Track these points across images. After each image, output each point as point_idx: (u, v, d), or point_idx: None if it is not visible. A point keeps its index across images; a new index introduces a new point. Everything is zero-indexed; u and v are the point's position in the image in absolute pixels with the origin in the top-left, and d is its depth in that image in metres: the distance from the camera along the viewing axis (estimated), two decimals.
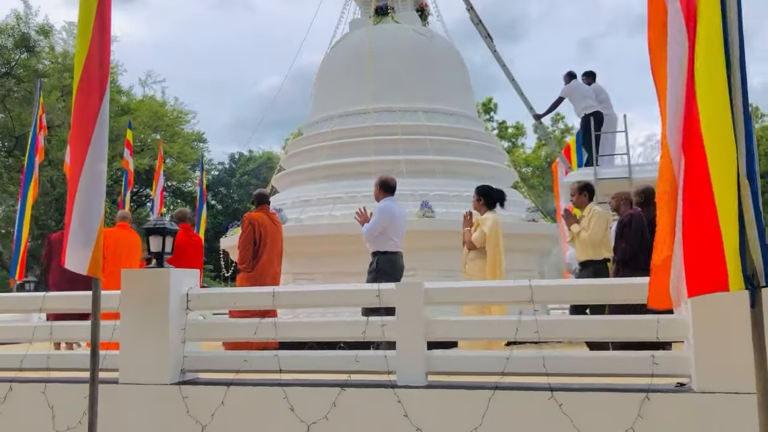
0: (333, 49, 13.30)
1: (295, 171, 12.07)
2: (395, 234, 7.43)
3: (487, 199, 7.75)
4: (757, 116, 39.40)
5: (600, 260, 7.19)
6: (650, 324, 4.28)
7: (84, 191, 4.48)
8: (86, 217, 4.47)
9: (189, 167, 40.85)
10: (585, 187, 7.56)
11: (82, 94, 4.58)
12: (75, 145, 4.58)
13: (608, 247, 7.12)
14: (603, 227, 7.12)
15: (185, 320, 5.17)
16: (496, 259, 7.45)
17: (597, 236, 7.11)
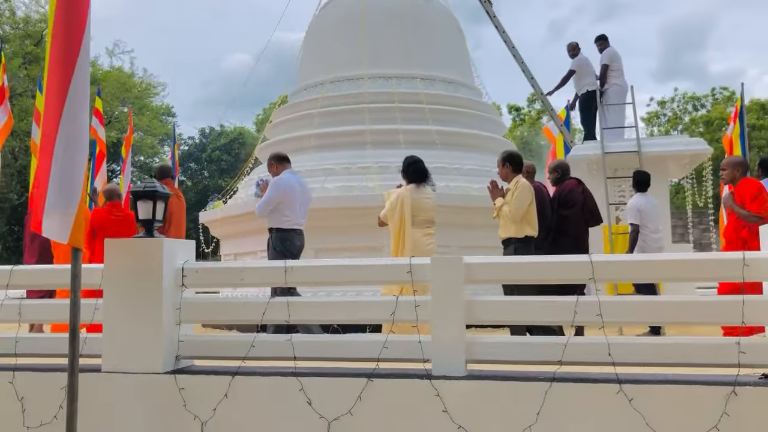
0: (322, 11, 12.47)
1: (283, 140, 11.26)
2: (290, 209, 6.73)
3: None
4: (731, 101, 39.43)
5: (522, 237, 6.57)
6: (735, 306, 3.68)
7: (63, 146, 3.73)
8: (66, 176, 3.73)
9: (157, 142, 39.53)
10: (508, 158, 6.85)
11: (59, 36, 3.83)
12: (51, 94, 3.82)
13: (532, 223, 6.57)
14: (526, 202, 6.48)
15: (180, 298, 4.42)
16: (398, 236, 6.79)
17: (518, 212, 6.45)
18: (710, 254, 4.03)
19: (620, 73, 10.99)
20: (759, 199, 6.58)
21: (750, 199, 6.61)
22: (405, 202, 6.85)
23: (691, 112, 41.06)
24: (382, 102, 10.59)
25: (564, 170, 7.86)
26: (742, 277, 3.71)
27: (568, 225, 7.43)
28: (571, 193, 7.57)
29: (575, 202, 7.52)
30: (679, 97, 41.58)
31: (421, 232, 6.95)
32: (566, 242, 7.29)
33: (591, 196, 7.85)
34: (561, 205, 7.53)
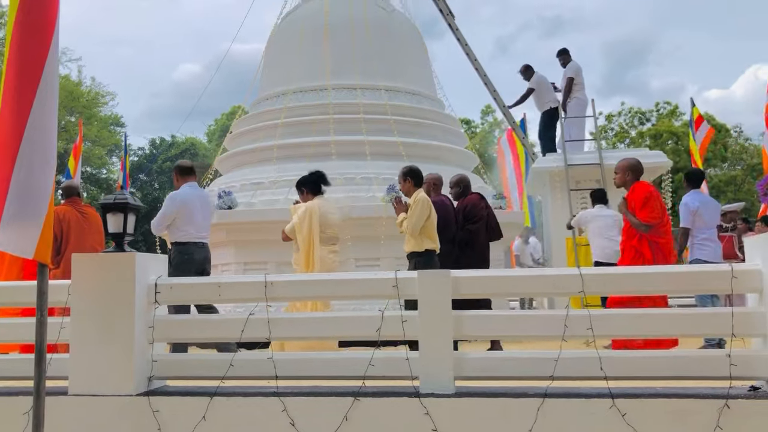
0: (284, 21, 12.30)
1: (245, 151, 11.03)
2: (188, 223, 6.53)
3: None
4: (676, 114, 40.68)
5: (422, 251, 6.62)
6: (724, 318, 3.67)
7: (29, 150, 3.47)
8: (33, 184, 3.47)
9: (105, 152, 38.49)
10: (409, 173, 6.88)
11: (22, 28, 3.56)
12: (12, 93, 3.55)
13: (432, 237, 6.62)
14: (423, 216, 6.52)
15: (153, 316, 4.20)
16: (309, 252, 6.77)
17: (416, 226, 6.49)
18: (699, 266, 4.03)
19: (582, 86, 11.18)
20: (648, 206, 6.39)
21: (639, 206, 6.44)
22: (314, 216, 6.76)
23: (637, 126, 42.16)
24: (347, 113, 10.47)
25: (466, 185, 7.81)
26: (731, 290, 3.72)
27: (474, 240, 7.40)
28: (475, 207, 7.54)
29: (480, 217, 7.49)
30: (626, 111, 42.66)
31: (327, 249, 6.88)
32: (472, 256, 7.28)
33: (493, 211, 7.87)
34: (466, 219, 7.49)
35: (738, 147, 38.68)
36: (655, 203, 6.45)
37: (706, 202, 7.51)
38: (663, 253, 6.44)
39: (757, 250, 3.79)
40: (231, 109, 42.62)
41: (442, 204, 7.20)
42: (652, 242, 6.46)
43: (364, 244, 9.32)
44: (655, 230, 6.43)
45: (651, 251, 6.42)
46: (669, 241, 6.58)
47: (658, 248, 6.44)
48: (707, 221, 7.39)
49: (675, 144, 36.20)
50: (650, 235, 6.43)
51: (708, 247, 7.33)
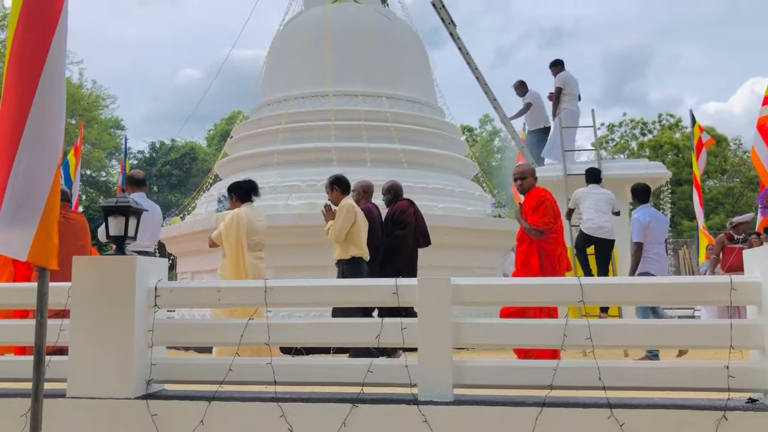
0: (287, 27, 12.35)
1: (245, 156, 11.05)
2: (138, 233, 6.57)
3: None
4: (678, 127, 40.75)
5: (348, 259, 6.73)
6: (723, 329, 3.68)
7: (27, 151, 3.45)
8: (30, 185, 3.44)
9: (105, 155, 38.51)
10: (335, 182, 7.05)
11: (25, 27, 3.55)
12: (12, 93, 3.53)
13: (358, 244, 6.73)
14: (348, 223, 6.63)
15: (153, 319, 4.21)
16: (238, 259, 6.76)
17: (340, 233, 6.62)
18: (698, 278, 4.04)
19: (573, 97, 11.03)
20: (539, 210, 6.27)
21: (531, 211, 6.34)
22: (241, 223, 6.80)
23: (638, 137, 42.25)
24: (348, 119, 10.51)
25: (396, 191, 7.79)
26: (730, 301, 3.73)
27: (401, 245, 7.39)
28: (403, 214, 7.54)
29: (407, 223, 7.49)
30: (627, 122, 42.77)
31: (253, 255, 6.92)
32: (399, 262, 7.28)
33: (422, 217, 7.83)
34: (394, 225, 7.49)
35: (737, 159, 38.78)
36: (547, 208, 6.30)
37: (656, 217, 7.60)
38: (551, 260, 6.28)
39: (756, 262, 3.80)
40: (230, 114, 42.70)
41: (368, 211, 7.21)
42: (541, 249, 6.30)
43: None
44: (546, 236, 6.29)
45: (539, 258, 6.28)
46: (558, 249, 6.39)
47: (547, 255, 6.29)
48: (657, 236, 7.48)
49: (675, 156, 36.27)
50: (540, 242, 6.28)
51: (659, 262, 7.44)
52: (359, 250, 6.70)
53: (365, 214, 7.07)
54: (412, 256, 7.52)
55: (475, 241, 10.31)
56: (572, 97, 11.19)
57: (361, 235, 6.78)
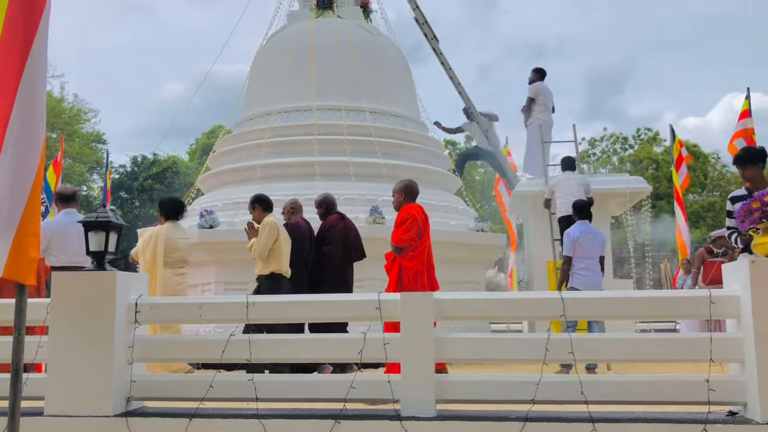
0: (270, 42, 12.36)
1: (227, 170, 11.02)
2: (62, 250, 6.58)
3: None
4: (656, 141, 41.24)
5: (268, 274, 6.83)
6: (702, 343, 3.71)
7: (7, 156, 3.38)
8: (7, 193, 3.37)
9: (86, 169, 38.22)
10: (257, 200, 7.18)
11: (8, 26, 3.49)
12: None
13: (279, 260, 6.83)
14: (270, 239, 6.75)
15: (133, 336, 4.16)
16: (152, 273, 6.88)
17: (263, 250, 6.74)
18: (678, 292, 4.08)
19: (547, 108, 11.03)
20: (402, 227, 6.22)
21: (396, 226, 6.32)
22: (159, 240, 6.88)
23: (619, 151, 42.69)
24: (332, 134, 10.52)
25: (328, 205, 7.75)
26: (710, 315, 3.77)
27: (328, 261, 7.36)
28: (331, 229, 7.52)
29: (335, 238, 7.46)
30: (608, 137, 43.21)
31: (172, 272, 7.00)
32: (327, 278, 7.26)
33: (355, 230, 7.77)
34: (322, 241, 7.48)
35: (716, 173, 39.27)
36: (410, 225, 6.23)
37: (587, 232, 7.70)
38: (408, 277, 6.21)
39: (735, 275, 3.84)
40: (211, 128, 42.62)
41: (297, 227, 7.24)
42: (401, 265, 6.24)
43: None
44: (405, 253, 6.22)
45: (398, 273, 6.23)
46: (416, 266, 6.26)
47: (404, 271, 6.22)
48: (587, 250, 7.59)
49: (655, 170, 36.65)
50: (400, 257, 6.24)
51: (584, 277, 7.54)
52: (279, 266, 6.81)
53: (294, 229, 7.13)
54: (341, 271, 7.45)
55: (458, 255, 10.33)
56: (546, 108, 11.17)
57: (283, 251, 6.88)
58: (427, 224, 6.51)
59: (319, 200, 7.72)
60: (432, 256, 6.55)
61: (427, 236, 6.41)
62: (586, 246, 7.59)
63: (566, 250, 7.68)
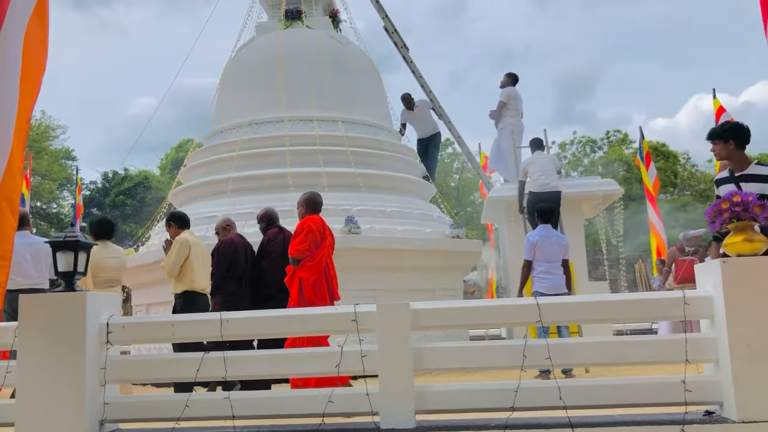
0: (239, 54, 12.29)
1: (200, 184, 10.90)
2: (17, 273, 6.49)
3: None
4: (626, 143, 41.80)
5: (181, 293, 6.87)
6: (678, 344, 3.74)
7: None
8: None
9: (56, 186, 37.66)
10: (171, 218, 7.25)
11: None
12: None
13: (192, 278, 6.84)
14: (181, 257, 6.77)
15: (105, 357, 4.07)
16: None
17: (173, 268, 6.79)
18: (652, 294, 4.11)
19: (518, 113, 11.11)
20: (298, 238, 6.17)
21: (293, 238, 6.27)
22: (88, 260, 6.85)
23: (589, 154, 43.16)
24: (304, 144, 10.48)
25: (269, 219, 7.56)
26: (684, 316, 3.80)
27: (268, 275, 7.25)
28: (270, 242, 7.40)
29: (273, 252, 7.32)
30: (578, 140, 43.69)
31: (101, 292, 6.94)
32: (265, 292, 7.15)
33: None
34: (260, 256, 7.40)
35: (686, 173, 39.88)
36: (306, 236, 6.17)
37: (547, 236, 7.80)
38: (307, 289, 6.12)
39: (707, 276, 3.87)
40: (179, 142, 42.33)
41: (230, 243, 7.15)
42: (300, 278, 6.16)
43: None
44: (302, 264, 6.14)
45: (298, 287, 6.15)
46: (312, 277, 6.17)
47: (304, 284, 6.13)
48: (547, 254, 7.68)
49: (626, 172, 37.10)
50: (298, 269, 6.15)
51: (546, 280, 7.64)
52: (193, 284, 6.79)
53: (226, 246, 7.04)
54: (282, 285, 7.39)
55: (435, 263, 10.34)
56: (517, 112, 11.23)
57: (196, 269, 6.84)
58: (327, 235, 6.41)
59: (260, 215, 7.54)
60: (333, 267, 6.46)
61: (325, 246, 6.32)
62: (546, 250, 7.69)
63: (526, 254, 7.78)
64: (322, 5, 13.03)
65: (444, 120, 12.17)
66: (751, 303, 3.60)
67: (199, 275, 6.85)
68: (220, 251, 7.04)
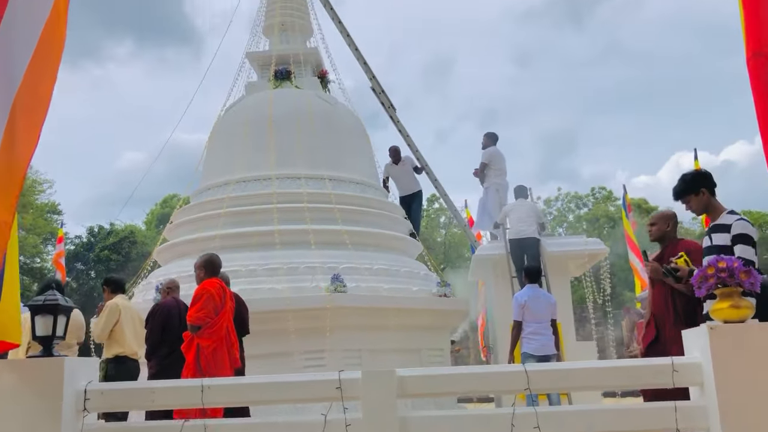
0: (228, 111, 12.41)
1: (185, 241, 10.82)
2: None
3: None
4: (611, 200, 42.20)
5: (112, 357, 6.89)
6: (668, 412, 3.68)
7: None
8: None
9: (40, 241, 37.32)
10: (104, 282, 7.42)
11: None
12: None
13: (122, 343, 6.90)
14: (110, 322, 6.82)
15: (82, 425, 3.95)
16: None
17: (101, 333, 6.86)
18: (641, 361, 4.07)
19: (501, 172, 11.21)
20: (197, 305, 5.89)
21: (192, 304, 5.97)
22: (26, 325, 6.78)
23: (574, 210, 43.52)
24: (291, 202, 10.49)
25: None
26: (672, 383, 3.76)
27: None
28: None
29: None
30: (563, 196, 44.08)
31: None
32: None
33: (242, 303, 7.22)
34: None
35: None
36: (206, 302, 5.89)
37: (535, 296, 7.81)
38: (206, 357, 5.81)
39: (695, 342, 3.85)
40: (164, 197, 42.37)
41: (163, 307, 7.02)
42: (199, 345, 5.87)
43: (309, 336, 9.12)
44: (202, 331, 5.86)
45: (195, 355, 5.85)
46: (213, 344, 5.89)
47: (202, 351, 5.82)
48: (536, 314, 7.68)
49: (611, 228, 37.36)
50: (198, 337, 5.87)
51: (535, 341, 7.61)
52: (123, 348, 6.80)
53: (160, 310, 6.90)
54: None
55: (422, 322, 10.25)
56: (501, 171, 11.32)
57: (126, 333, 6.83)
58: (227, 299, 6.18)
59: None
60: (234, 332, 6.21)
61: (226, 312, 6.06)
62: (535, 310, 7.67)
63: (515, 315, 7.75)
64: (311, 66, 13.25)
65: (430, 177, 12.26)
66: (739, 370, 3.57)
67: (129, 340, 6.84)
68: (154, 316, 6.90)
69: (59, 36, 3.76)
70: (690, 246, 5.15)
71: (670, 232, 5.28)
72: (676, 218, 5.41)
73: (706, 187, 4.61)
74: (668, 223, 5.29)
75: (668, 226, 5.28)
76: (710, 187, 4.63)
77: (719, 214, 4.61)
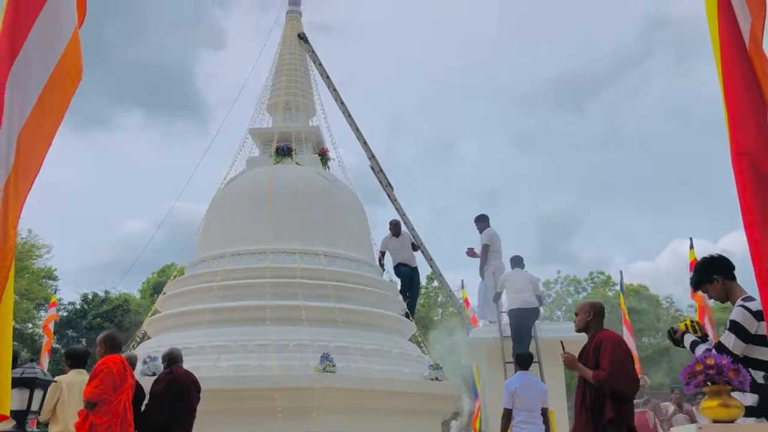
0: (228, 185, 12.55)
1: (175, 314, 10.73)
2: None
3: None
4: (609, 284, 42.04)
5: None
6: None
7: None
8: None
9: (34, 306, 36.95)
10: (65, 355, 7.13)
11: None
12: None
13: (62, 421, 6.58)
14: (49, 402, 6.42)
15: None
16: None
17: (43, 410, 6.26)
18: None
19: (498, 254, 11.06)
20: (94, 381, 5.82)
21: (88, 382, 5.89)
22: None
23: (573, 294, 43.27)
24: (285, 277, 10.46)
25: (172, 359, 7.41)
26: None
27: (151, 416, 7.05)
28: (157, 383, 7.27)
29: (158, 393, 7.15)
30: (561, 280, 43.93)
31: None
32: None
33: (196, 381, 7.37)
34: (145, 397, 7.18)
35: (669, 317, 39.87)
36: (104, 378, 5.82)
37: (527, 383, 7.67)
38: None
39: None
40: (162, 266, 42.27)
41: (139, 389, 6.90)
42: (92, 422, 5.74)
43: (296, 417, 8.90)
44: (99, 408, 5.73)
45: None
46: (108, 421, 5.78)
47: (95, 429, 5.70)
48: (526, 402, 7.53)
49: (609, 313, 37.01)
50: (93, 414, 5.73)
51: (524, 430, 7.45)
52: (61, 427, 6.55)
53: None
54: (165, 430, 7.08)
55: (413, 405, 10.03)
56: (498, 254, 11.15)
57: (66, 412, 6.60)
58: (127, 377, 6.13)
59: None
60: (131, 412, 6.13)
61: (125, 390, 6.00)
62: (525, 397, 7.52)
63: (505, 403, 7.59)
64: (313, 144, 13.51)
65: (425, 256, 12.26)
66: None
67: (68, 419, 6.54)
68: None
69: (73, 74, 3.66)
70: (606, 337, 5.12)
71: (592, 321, 5.30)
72: (598, 307, 5.40)
73: (719, 273, 4.31)
74: (590, 312, 5.33)
75: (590, 316, 5.30)
76: (724, 273, 4.31)
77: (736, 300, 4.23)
